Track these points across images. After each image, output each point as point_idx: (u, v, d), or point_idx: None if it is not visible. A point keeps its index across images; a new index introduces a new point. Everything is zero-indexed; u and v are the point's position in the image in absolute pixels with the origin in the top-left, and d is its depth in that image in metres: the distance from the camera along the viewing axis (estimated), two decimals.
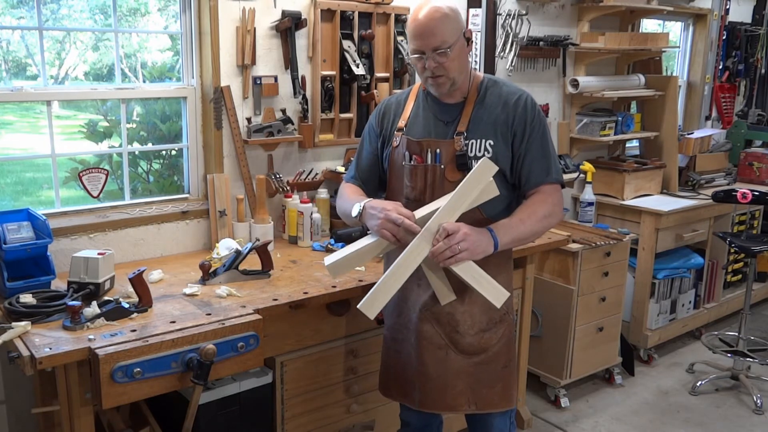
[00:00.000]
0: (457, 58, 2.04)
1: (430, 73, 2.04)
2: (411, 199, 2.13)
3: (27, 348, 1.91)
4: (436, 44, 2.00)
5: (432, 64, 2.02)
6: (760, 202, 3.94)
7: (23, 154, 2.76)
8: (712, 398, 3.79)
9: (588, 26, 4.18)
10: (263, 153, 3.06)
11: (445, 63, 2.02)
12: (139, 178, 3.05)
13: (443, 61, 2.01)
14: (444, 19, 2.00)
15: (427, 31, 2.00)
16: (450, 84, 2.08)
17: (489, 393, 2.20)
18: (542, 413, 3.57)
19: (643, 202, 4.16)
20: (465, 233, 1.94)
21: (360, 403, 2.67)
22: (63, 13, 2.69)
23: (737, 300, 4.71)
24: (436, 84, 2.08)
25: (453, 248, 1.92)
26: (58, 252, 2.54)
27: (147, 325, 2.08)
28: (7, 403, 2.57)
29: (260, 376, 2.42)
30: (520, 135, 2.09)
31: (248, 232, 2.93)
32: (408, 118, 2.19)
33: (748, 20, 5.50)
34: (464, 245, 1.93)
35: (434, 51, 2.00)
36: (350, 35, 3.16)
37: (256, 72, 2.96)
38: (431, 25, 1.99)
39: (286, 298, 2.36)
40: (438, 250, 1.93)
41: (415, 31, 2.02)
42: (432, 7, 2.01)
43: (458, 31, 2.03)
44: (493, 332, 2.17)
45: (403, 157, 2.15)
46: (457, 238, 1.92)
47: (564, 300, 3.54)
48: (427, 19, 1.99)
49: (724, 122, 5.43)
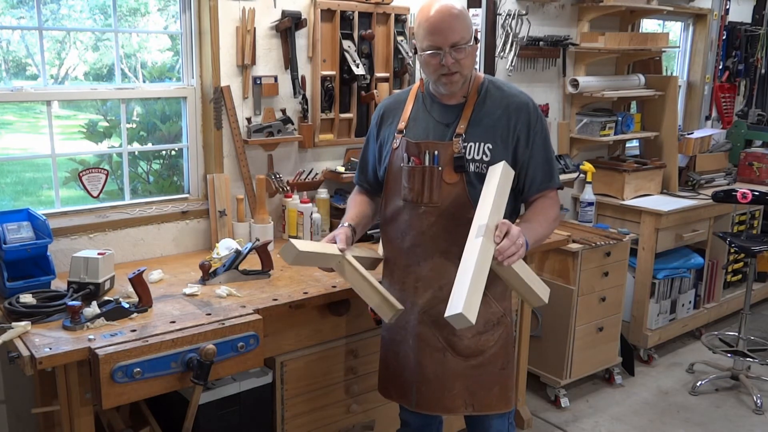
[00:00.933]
0: (472, 54, 2.04)
1: (447, 70, 2.01)
2: (408, 200, 2.12)
3: (27, 348, 1.91)
4: (455, 39, 1.98)
5: (450, 60, 1.99)
6: (760, 202, 3.94)
7: (23, 154, 2.76)
8: (712, 398, 3.79)
9: (588, 26, 4.18)
10: (263, 153, 3.07)
11: (462, 59, 2.01)
12: (139, 178, 3.05)
13: (461, 58, 2.00)
14: (460, 16, 2.00)
15: (446, 26, 1.98)
16: (462, 82, 2.07)
17: (487, 395, 2.20)
18: (542, 413, 3.57)
19: (643, 202, 4.16)
20: (519, 230, 1.90)
21: (360, 403, 2.67)
22: (63, 13, 2.69)
23: (737, 300, 4.71)
24: (450, 82, 2.05)
25: (517, 244, 1.88)
26: (58, 252, 2.54)
27: (147, 325, 2.08)
28: (7, 403, 2.57)
29: (260, 376, 2.42)
30: (524, 140, 2.09)
31: (248, 232, 2.93)
32: (408, 119, 2.18)
33: (748, 20, 5.49)
34: (521, 242, 1.89)
35: (453, 47, 1.99)
36: (350, 35, 3.16)
37: (256, 72, 2.96)
38: (450, 21, 1.98)
39: (286, 298, 2.37)
40: (504, 247, 1.86)
41: (434, 26, 1.99)
42: (446, 4, 2.00)
43: (471, 28, 2.04)
44: (490, 334, 2.17)
45: (402, 159, 2.14)
46: (515, 235, 1.88)
47: (564, 300, 3.54)
48: (445, 15, 1.98)
49: (724, 122, 5.43)
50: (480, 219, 1.91)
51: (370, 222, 2.34)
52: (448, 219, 2.09)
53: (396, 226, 2.18)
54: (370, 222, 2.34)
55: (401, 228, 2.16)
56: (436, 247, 2.11)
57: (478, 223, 1.89)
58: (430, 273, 2.13)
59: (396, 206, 2.17)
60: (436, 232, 2.10)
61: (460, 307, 1.73)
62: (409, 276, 2.16)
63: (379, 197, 2.32)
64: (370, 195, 2.36)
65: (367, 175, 2.34)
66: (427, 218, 2.10)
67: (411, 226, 2.13)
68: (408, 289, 2.17)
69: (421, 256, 2.13)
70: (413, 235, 2.13)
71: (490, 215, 1.89)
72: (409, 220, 2.13)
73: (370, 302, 2.07)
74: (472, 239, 1.88)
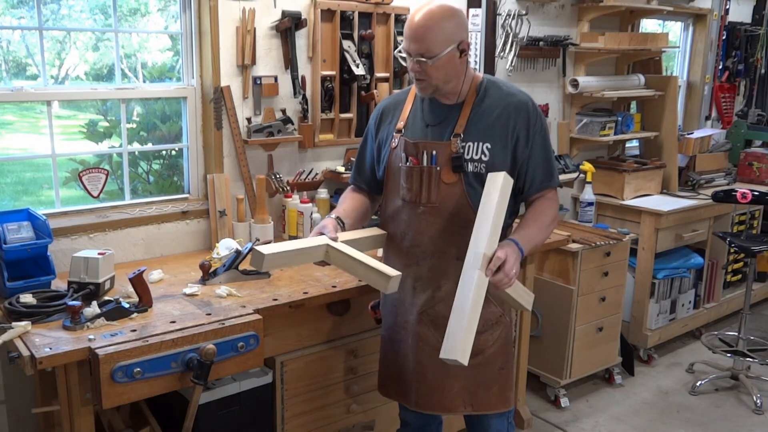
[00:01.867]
0: (442, 67, 2.01)
1: (414, 75, 2.06)
2: (407, 200, 2.13)
3: (27, 348, 1.91)
4: (420, 51, 1.99)
5: (415, 67, 2.03)
6: (760, 202, 3.94)
7: (23, 154, 2.76)
8: (712, 398, 3.79)
9: (588, 26, 4.18)
10: (263, 153, 3.07)
11: (427, 69, 2.01)
12: (139, 178, 3.05)
13: (427, 68, 2.01)
14: (434, 28, 1.97)
15: (415, 35, 1.99)
16: (432, 89, 2.07)
17: (485, 394, 2.20)
18: (542, 413, 3.57)
19: (643, 202, 4.16)
20: (514, 259, 1.95)
21: (360, 403, 2.67)
22: (63, 13, 2.69)
23: (737, 300, 4.71)
24: (419, 86, 2.09)
25: (509, 275, 1.94)
26: (58, 252, 2.54)
27: (147, 325, 2.08)
28: (7, 403, 2.57)
29: (260, 376, 2.42)
30: (523, 140, 2.08)
31: (248, 232, 2.93)
32: (406, 119, 2.18)
33: (748, 20, 5.50)
34: (516, 269, 1.95)
35: (418, 56, 2.00)
36: (350, 35, 3.16)
37: (256, 72, 2.96)
38: (420, 32, 1.98)
39: (286, 298, 2.37)
40: (499, 280, 1.93)
41: (406, 32, 2.03)
42: (428, 11, 1.98)
43: (449, 43, 1.99)
44: (489, 334, 2.17)
45: (400, 159, 2.14)
46: (510, 264, 1.93)
47: (564, 300, 3.54)
48: (418, 24, 1.99)
49: (724, 122, 5.43)
50: (477, 245, 1.94)
51: (362, 218, 2.31)
52: (446, 219, 2.09)
53: (395, 225, 2.19)
54: (362, 218, 2.31)
55: (400, 228, 2.17)
56: (435, 247, 2.12)
57: (475, 250, 1.94)
58: (428, 273, 2.14)
59: (395, 206, 2.18)
60: (434, 232, 2.11)
61: (457, 354, 1.84)
62: (407, 276, 2.16)
63: (376, 197, 2.32)
64: (365, 194, 2.35)
65: (364, 174, 2.33)
66: (425, 218, 2.10)
67: (410, 226, 2.14)
68: (407, 288, 2.17)
69: (420, 256, 2.14)
70: (412, 235, 2.14)
71: (488, 242, 1.94)
72: (408, 220, 2.14)
73: (367, 280, 2.07)
74: (468, 269, 1.93)
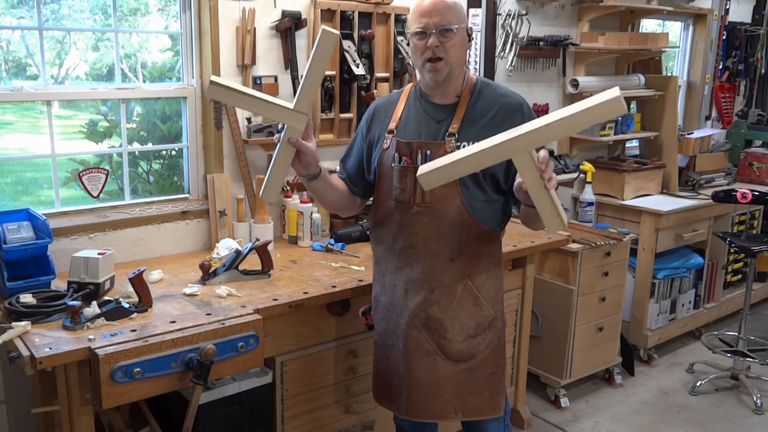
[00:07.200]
0: (458, 45, 2.03)
1: (431, 54, 2.00)
2: (400, 201, 2.10)
3: (27, 348, 1.91)
4: (443, 23, 1.99)
5: (434, 42, 1.99)
6: (760, 202, 3.94)
7: (23, 154, 2.76)
8: (712, 398, 3.79)
9: (588, 26, 4.18)
10: (263, 153, 3.06)
11: (447, 44, 2.00)
12: (139, 178, 3.05)
13: (446, 42, 1.99)
14: (451, 5, 2.02)
15: (435, 9, 1.99)
16: (447, 71, 2.03)
17: (476, 400, 2.17)
18: (542, 413, 3.57)
19: (643, 202, 4.17)
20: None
21: (360, 403, 2.67)
22: (63, 13, 2.69)
23: (737, 300, 4.71)
24: (434, 69, 2.03)
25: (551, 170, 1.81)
26: (58, 252, 2.54)
27: (147, 325, 2.08)
28: (7, 403, 2.57)
29: (260, 376, 2.42)
30: None
31: (248, 232, 2.93)
32: (399, 119, 2.15)
33: (748, 20, 5.50)
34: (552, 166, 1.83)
35: (439, 30, 1.99)
36: (350, 35, 3.16)
37: (256, 72, 2.96)
38: (440, 6, 2.00)
39: (286, 298, 2.37)
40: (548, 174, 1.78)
41: (424, 9, 2.01)
42: None
43: (462, 20, 2.04)
44: (481, 338, 2.15)
45: (393, 159, 2.11)
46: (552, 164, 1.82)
47: (564, 300, 3.54)
48: (438, 1, 2.00)
49: (724, 122, 5.43)
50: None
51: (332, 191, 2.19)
52: (440, 220, 2.07)
53: (387, 228, 2.16)
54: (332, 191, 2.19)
55: (393, 230, 2.14)
56: (428, 248, 2.09)
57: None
58: (421, 275, 2.11)
59: (387, 208, 2.14)
60: (428, 233, 2.08)
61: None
62: (399, 279, 2.14)
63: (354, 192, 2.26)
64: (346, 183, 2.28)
65: (347, 166, 2.28)
66: (419, 219, 2.08)
67: (403, 227, 2.11)
68: (398, 292, 2.15)
69: (413, 258, 2.11)
70: (405, 236, 2.11)
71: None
72: (401, 222, 2.11)
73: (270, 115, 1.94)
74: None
